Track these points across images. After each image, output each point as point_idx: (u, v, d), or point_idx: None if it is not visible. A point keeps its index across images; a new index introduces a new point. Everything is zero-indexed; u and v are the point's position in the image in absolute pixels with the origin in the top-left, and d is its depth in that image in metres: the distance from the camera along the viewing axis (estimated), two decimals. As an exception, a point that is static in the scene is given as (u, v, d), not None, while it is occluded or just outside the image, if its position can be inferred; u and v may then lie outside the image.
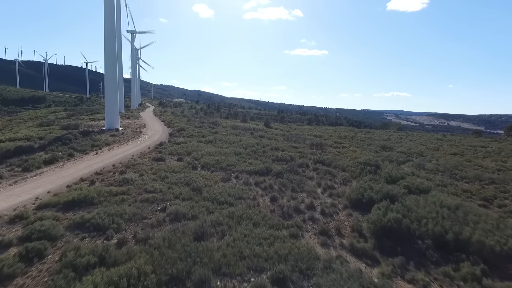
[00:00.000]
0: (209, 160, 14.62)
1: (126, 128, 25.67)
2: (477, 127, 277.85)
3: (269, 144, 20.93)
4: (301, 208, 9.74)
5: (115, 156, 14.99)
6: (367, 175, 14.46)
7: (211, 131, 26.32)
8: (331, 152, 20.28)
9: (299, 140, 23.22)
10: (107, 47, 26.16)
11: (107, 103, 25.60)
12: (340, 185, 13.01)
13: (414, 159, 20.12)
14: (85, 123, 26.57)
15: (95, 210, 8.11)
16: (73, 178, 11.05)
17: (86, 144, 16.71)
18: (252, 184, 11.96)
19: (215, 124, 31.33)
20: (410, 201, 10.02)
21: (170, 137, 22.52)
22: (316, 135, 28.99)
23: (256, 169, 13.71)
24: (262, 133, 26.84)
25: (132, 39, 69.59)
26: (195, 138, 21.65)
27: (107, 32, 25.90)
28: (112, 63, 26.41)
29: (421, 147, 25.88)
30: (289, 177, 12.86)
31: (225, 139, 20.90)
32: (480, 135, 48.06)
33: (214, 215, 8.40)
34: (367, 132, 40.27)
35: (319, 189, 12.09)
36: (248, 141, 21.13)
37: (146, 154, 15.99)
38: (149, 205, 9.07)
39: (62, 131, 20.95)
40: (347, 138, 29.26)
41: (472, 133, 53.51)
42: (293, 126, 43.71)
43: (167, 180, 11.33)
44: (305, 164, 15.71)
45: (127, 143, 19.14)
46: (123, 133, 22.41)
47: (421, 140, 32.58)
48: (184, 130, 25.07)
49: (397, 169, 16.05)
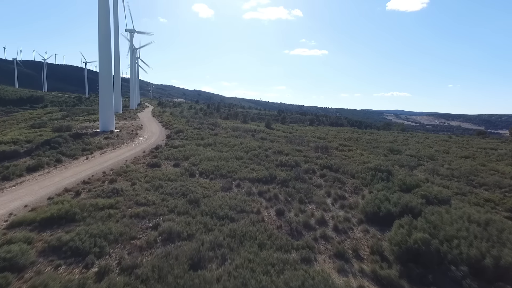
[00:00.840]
0: (208, 166, 13.54)
1: (121, 130, 24.54)
2: (477, 127, 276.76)
3: (271, 147, 19.85)
4: (311, 224, 8.66)
5: (107, 162, 13.89)
6: (379, 182, 13.39)
7: (211, 132, 25.24)
8: (337, 155, 19.20)
9: (302, 143, 22.14)
10: (102, 45, 24.97)
11: (101, 104, 24.42)
12: (351, 194, 11.93)
13: (425, 163, 19.06)
14: (79, 124, 25.46)
15: (76, 229, 7.03)
16: (56, 188, 9.95)
17: (76, 148, 15.61)
18: (255, 194, 10.87)
19: (214, 125, 30.24)
20: (433, 215, 8.95)
21: (167, 139, 21.43)
22: (320, 136, 27.90)
23: (259, 176, 12.62)
24: (264, 135, 25.75)
25: (130, 38, 68.49)
26: (193, 141, 20.55)
27: (102, 28, 24.70)
28: (107, 61, 25.22)
29: (430, 149, 24.80)
30: (296, 186, 11.78)
31: (225, 142, 19.82)
32: (486, 136, 47.06)
33: (213, 234, 7.32)
34: (371, 133, 39.18)
35: (329, 199, 11.01)
36: (250, 144, 20.05)
37: (140, 159, 14.89)
38: (140, 221, 7.99)
39: (53, 134, 19.86)
40: (352, 140, 28.18)
41: (477, 134, 52.53)
42: (295, 127, 42.61)
43: (161, 190, 10.24)
44: (311, 170, 14.62)
45: (121, 147, 18.04)
46: (118, 135, 21.29)
47: (428, 142, 31.51)
48: (182, 132, 23.97)
49: (410, 175, 14.98)
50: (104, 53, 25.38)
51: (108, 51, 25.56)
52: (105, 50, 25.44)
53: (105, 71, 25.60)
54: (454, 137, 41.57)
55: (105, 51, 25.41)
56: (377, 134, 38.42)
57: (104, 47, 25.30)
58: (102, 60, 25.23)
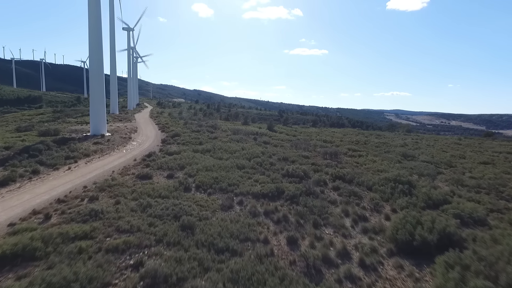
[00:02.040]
0: (206, 178, 11.90)
1: (114, 133, 22.87)
2: (478, 126, 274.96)
3: (276, 153, 18.22)
4: (332, 257, 7.03)
5: (91, 173, 12.25)
6: (400, 196, 11.77)
7: (210, 136, 23.61)
8: (348, 162, 17.57)
9: (309, 148, 20.51)
10: (92, 40, 22.82)
11: (92, 105, 22.56)
12: (372, 212, 10.30)
13: (444, 170, 17.44)
14: (69, 127, 23.78)
15: (31, 274, 5.41)
16: (23, 210, 8.32)
17: (59, 156, 13.95)
18: (261, 213, 9.25)
19: (214, 128, 28.61)
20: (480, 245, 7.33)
21: (163, 144, 19.79)
22: (326, 140, 26.26)
23: (264, 190, 10.99)
24: (267, 139, 24.12)
25: (128, 36, 66.81)
26: (191, 146, 18.93)
27: (92, 22, 22.59)
28: (98, 57, 23.11)
29: (445, 154, 23.15)
30: (307, 203, 10.15)
31: (226, 147, 18.18)
32: (495, 138, 45.48)
33: (210, 279, 5.70)
34: (377, 135, 37.55)
35: (347, 219, 9.37)
36: (252, 149, 18.42)
37: (130, 168, 13.25)
38: (118, 257, 6.37)
39: (37, 138, 18.24)
40: (360, 143, 26.53)
41: (484, 135, 51.00)
42: (298, 129, 40.97)
43: (149, 210, 8.61)
44: (322, 181, 12.99)
45: (111, 153, 16.38)
46: (109, 140, 19.61)
47: (439, 145, 29.86)
48: (179, 135, 22.33)
49: (434, 187, 13.34)
50: (95, 47, 23.13)
51: (98, 46, 23.28)
52: (96, 44, 23.17)
53: (96, 68, 23.29)
54: (463, 139, 39.97)
55: (95, 45, 23.14)
56: (384, 136, 36.79)
57: (94, 41, 23.02)
58: (93, 56, 23.14)
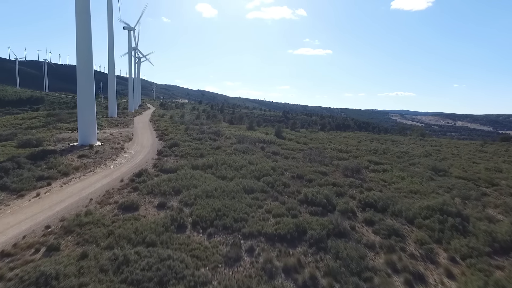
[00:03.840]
0: (206, 210, 9.44)
1: (105, 142, 20.44)
2: (485, 127, 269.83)
3: (288, 168, 15.73)
4: None
5: (63, 202, 9.83)
6: (452, 234, 9.24)
7: (212, 145, 21.16)
8: (372, 180, 15.02)
9: (325, 160, 17.96)
10: (80, 32, 19.11)
11: (80, 110, 19.61)
12: (424, 262, 7.77)
13: (485, 189, 14.81)
14: (56, 135, 21.40)
15: None
16: None
17: (29, 177, 11.55)
18: (279, 270, 6.79)
19: (217, 135, 26.16)
20: None
21: (159, 157, 17.35)
22: (341, 149, 23.68)
23: (281, 229, 8.49)
24: (275, 148, 21.61)
25: (129, 36, 64.66)
26: (190, 159, 16.50)
27: (79, 11, 19.06)
28: (85, 56, 19.42)
29: (477, 167, 20.46)
30: (339, 250, 7.64)
31: (230, 162, 15.71)
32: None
33: None
34: (392, 141, 34.87)
35: (397, 278, 6.86)
36: (260, 164, 15.94)
37: (113, 194, 10.81)
38: None
39: (16, 150, 15.93)
40: (379, 152, 23.93)
41: (500, 140, 48.14)
42: (307, 133, 38.39)
43: (125, 271, 6.17)
44: (350, 210, 10.48)
45: (96, 170, 13.96)
46: (97, 151, 17.19)
47: (464, 153, 27.15)
48: (178, 145, 19.89)
49: (487, 216, 10.76)
50: (82, 41, 19.15)
51: (86, 39, 19.27)
52: (83, 38, 19.16)
53: (83, 64, 19.40)
54: (486, 145, 37.16)
55: (83, 38, 19.14)
56: (400, 142, 34.09)
57: (82, 34, 19.08)
58: (81, 52, 19.22)
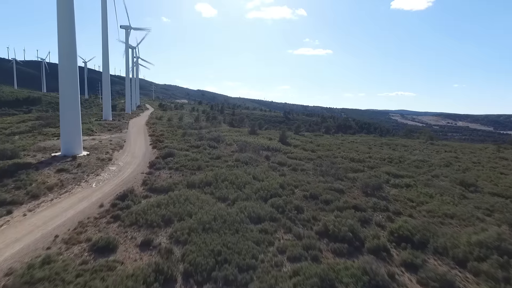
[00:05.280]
0: (202, 253, 7.31)
1: (92, 152, 18.25)
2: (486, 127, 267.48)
3: (299, 185, 13.63)
4: None
5: (17, 243, 7.69)
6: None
7: (211, 154, 19.04)
8: (397, 199, 12.89)
9: (339, 174, 15.82)
10: (61, 20, 16.30)
11: (62, 116, 16.82)
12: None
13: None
14: (38, 144, 19.21)
15: None
16: None
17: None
18: None
19: (217, 141, 24.04)
20: None
21: (150, 170, 15.21)
22: (353, 158, 21.54)
23: (302, 282, 6.39)
24: (282, 158, 19.48)
25: (126, 35, 62.46)
26: (186, 174, 14.39)
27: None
28: (69, 47, 16.46)
29: (506, 179, 18.33)
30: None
31: (232, 178, 13.58)
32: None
33: None
34: (403, 147, 32.70)
35: None
36: (267, 180, 13.84)
37: (87, 227, 8.68)
38: None
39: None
40: (394, 161, 21.80)
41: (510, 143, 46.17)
42: (312, 137, 36.24)
43: None
44: (382, 248, 8.37)
45: (73, 190, 11.79)
46: (80, 164, 15.03)
47: (484, 160, 24.99)
48: (173, 155, 17.76)
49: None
50: (64, 27, 16.17)
51: (69, 26, 16.34)
52: (65, 23, 16.21)
53: (66, 60, 16.44)
54: (500, 148, 35.05)
55: (64, 24, 16.21)
56: (412, 148, 31.93)
57: (63, 18, 16.09)
58: (63, 40, 16.28)
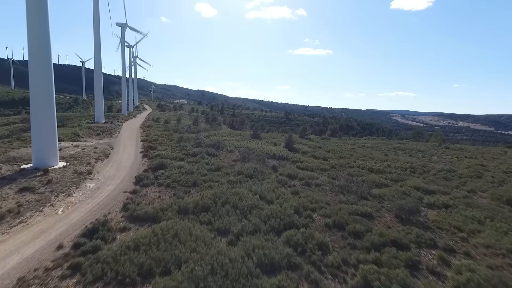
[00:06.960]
0: None
1: (70, 163, 15.65)
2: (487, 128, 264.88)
3: (316, 207, 11.06)
4: None
5: None
6: None
7: (210, 164, 16.46)
8: (439, 226, 10.31)
9: (362, 192, 13.23)
10: (31, 9, 14.28)
11: (33, 120, 14.55)
12: None
13: None
14: (7, 153, 16.56)
15: None
16: None
17: None
18: None
19: (216, 148, 21.47)
20: None
21: (135, 187, 12.61)
22: (372, 168, 18.93)
23: None
24: (291, 168, 16.88)
25: (122, 33, 59.88)
26: (178, 192, 11.81)
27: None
28: (40, 43, 14.36)
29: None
30: None
31: (233, 198, 10.99)
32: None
33: None
34: (419, 152, 30.11)
35: None
36: (277, 200, 11.27)
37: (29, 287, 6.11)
38: None
39: None
40: (417, 171, 19.21)
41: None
42: (319, 141, 33.66)
43: None
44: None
45: (31, 220, 9.16)
46: (51, 180, 12.43)
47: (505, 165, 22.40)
48: (165, 167, 15.19)
49: None
50: (35, 27, 14.16)
51: (40, 14, 14.33)
52: (35, 14, 14.20)
53: (37, 55, 14.28)
54: None
55: (35, 14, 14.19)
56: (429, 153, 29.32)
57: (33, 17, 14.20)
58: (32, 31, 14.18)
